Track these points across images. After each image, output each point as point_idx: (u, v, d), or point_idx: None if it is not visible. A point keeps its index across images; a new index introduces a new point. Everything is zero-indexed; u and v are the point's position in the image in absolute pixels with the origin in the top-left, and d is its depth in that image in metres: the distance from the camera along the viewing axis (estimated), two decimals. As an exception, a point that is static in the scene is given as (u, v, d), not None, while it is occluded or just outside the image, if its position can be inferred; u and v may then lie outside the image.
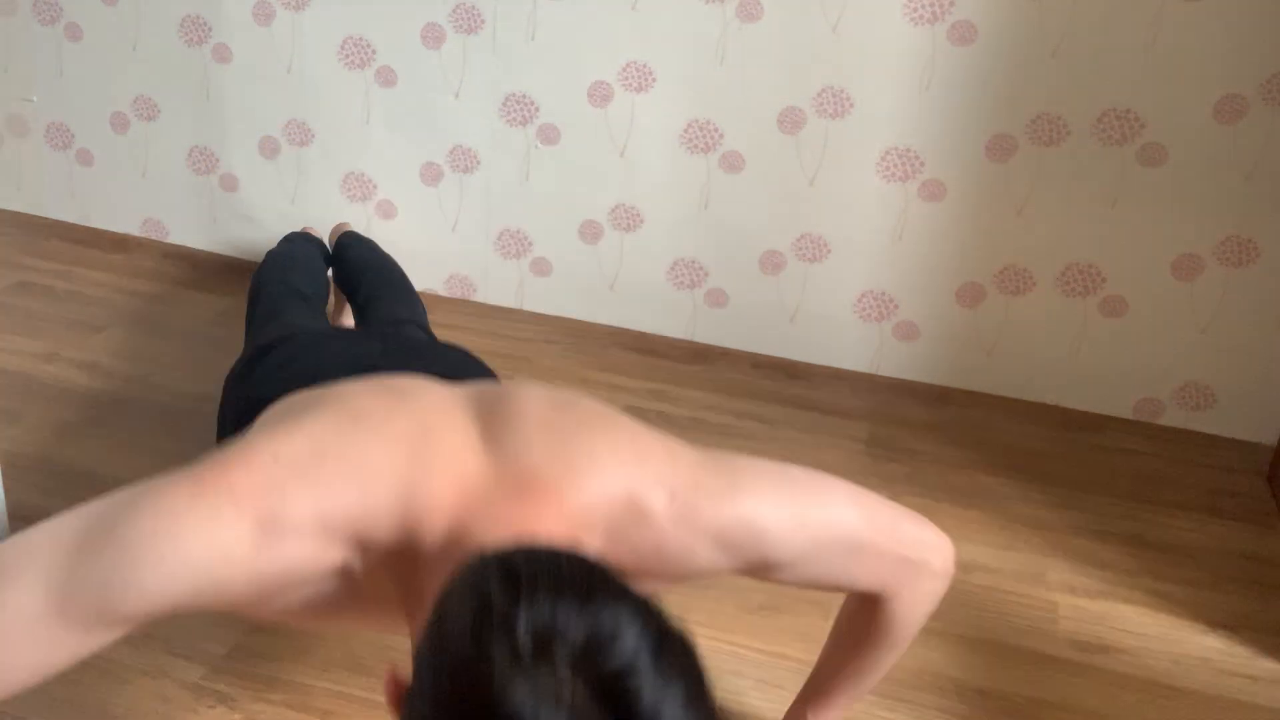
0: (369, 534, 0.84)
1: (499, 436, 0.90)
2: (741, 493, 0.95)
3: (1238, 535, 1.82)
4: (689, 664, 0.66)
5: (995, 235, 2.07)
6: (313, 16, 2.27)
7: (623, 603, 0.66)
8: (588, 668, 0.62)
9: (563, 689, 0.60)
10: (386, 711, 1.37)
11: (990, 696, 1.45)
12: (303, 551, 0.81)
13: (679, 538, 0.91)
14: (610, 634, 0.63)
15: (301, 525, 0.81)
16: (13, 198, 2.67)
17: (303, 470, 0.83)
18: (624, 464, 0.91)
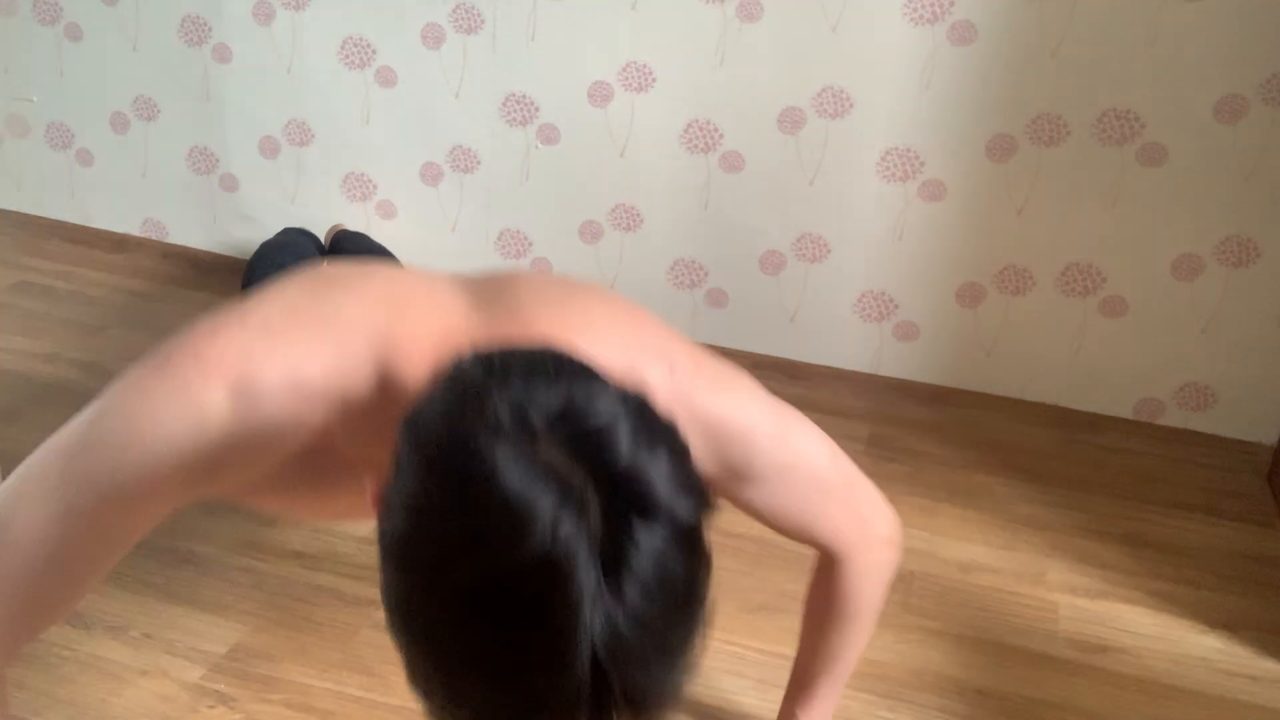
0: (346, 390, 0.81)
1: (489, 298, 0.88)
2: (736, 388, 0.95)
3: (1238, 535, 1.82)
4: (671, 434, 0.65)
5: (995, 235, 2.07)
6: (313, 16, 2.27)
7: (598, 380, 0.65)
8: (564, 428, 0.61)
9: (540, 450, 0.60)
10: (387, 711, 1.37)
11: (990, 696, 1.45)
12: (279, 411, 0.79)
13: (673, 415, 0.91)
14: (586, 400, 0.63)
15: (274, 384, 0.78)
16: (13, 198, 2.67)
17: (272, 329, 0.80)
18: (622, 333, 0.89)
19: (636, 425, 0.63)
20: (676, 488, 0.62)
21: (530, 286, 0.91)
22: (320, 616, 1.50)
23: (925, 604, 1.60)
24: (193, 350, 0.79)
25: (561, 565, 0.57)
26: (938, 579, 1.66)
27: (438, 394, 0.66)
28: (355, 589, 1.55)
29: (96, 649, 1.41)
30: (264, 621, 1.48)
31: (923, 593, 1.63)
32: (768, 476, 0.96)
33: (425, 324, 0.83)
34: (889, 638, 1.53)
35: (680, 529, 0.61)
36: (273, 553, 1.61)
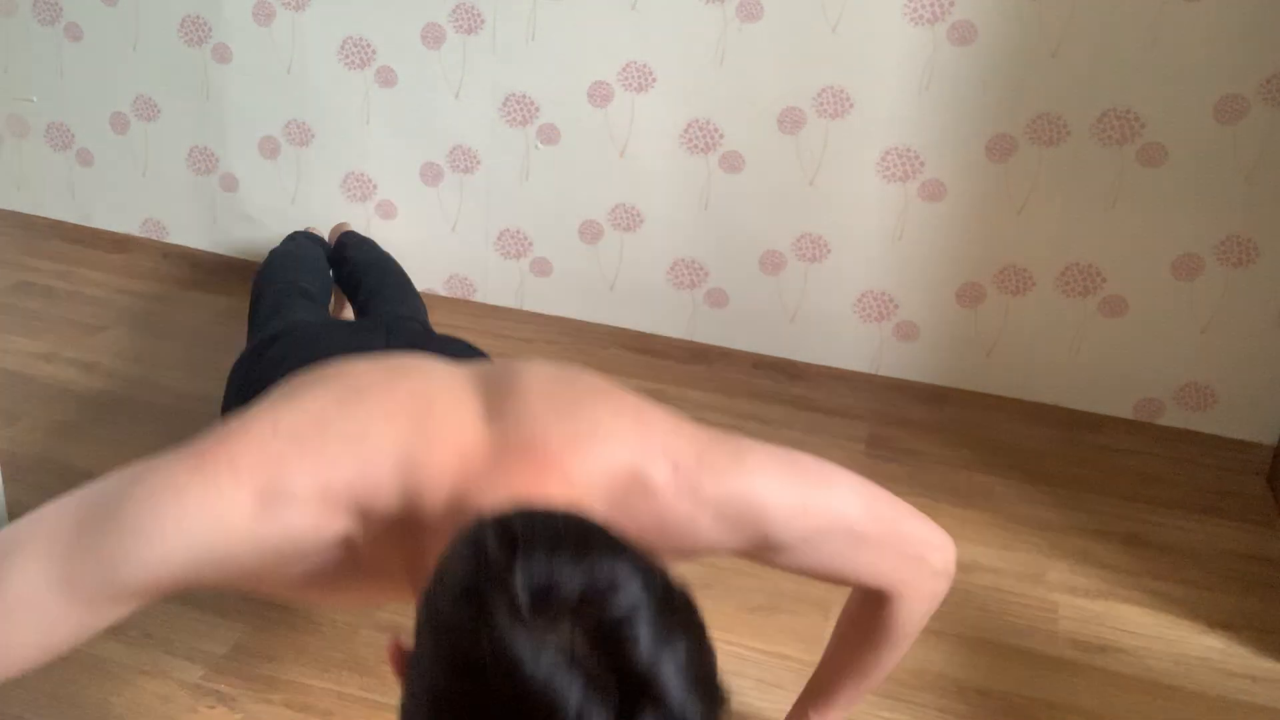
0: (370, 504, 0.83)
1: (502, 409, 0.90)
2: (746, 469, 0.95)
3: (1238, 535, 1.82)
4: (690, 621, 0.66)
5: (995, 235, 2.07)
6: (313, 16, 2.27)
7: (621, 556, 0.65)
8: (586, 617, 0.62)
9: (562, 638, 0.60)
10: (387, 711, 1.37)
11: (990, 696, 1.45)
12: (304, 521, 0.81)
13: (682, 510, 0.90)
14: (609, 585, 0.63)
15: (302, 495, 0.81)
16: (13, 198, 2.67)
17: (302, 441, 0.83)
18: (627, 435, 0.90)
19: (657, 614, 0.63)
20: (690, 689, 0.62)
21: (538, 390, 0.92)
22: (320, 616, 1.50)
23: (925, 604, 1.60)
24: (227, 452, 0.82)
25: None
26: (938, 579, 1.66)
27: (456, 568, 0.67)
28: (355, 589, 1.55)
29: (96, 649, 1.41)
30: (264, 621, 1.48)
31: (923, 593, 1.63)
32: (794, 545, 0.97)
33: (444, 443, 0.86)
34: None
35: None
36: (273, 553, 1.61)
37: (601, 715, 0.59)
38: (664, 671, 0.61)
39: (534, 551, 0.64)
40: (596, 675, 0.60)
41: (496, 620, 0.61)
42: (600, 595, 0.63)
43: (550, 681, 0.59)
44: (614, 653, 0.61)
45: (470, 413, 0.89)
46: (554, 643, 0.60)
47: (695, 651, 0.64)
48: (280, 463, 0.81)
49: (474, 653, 0.61)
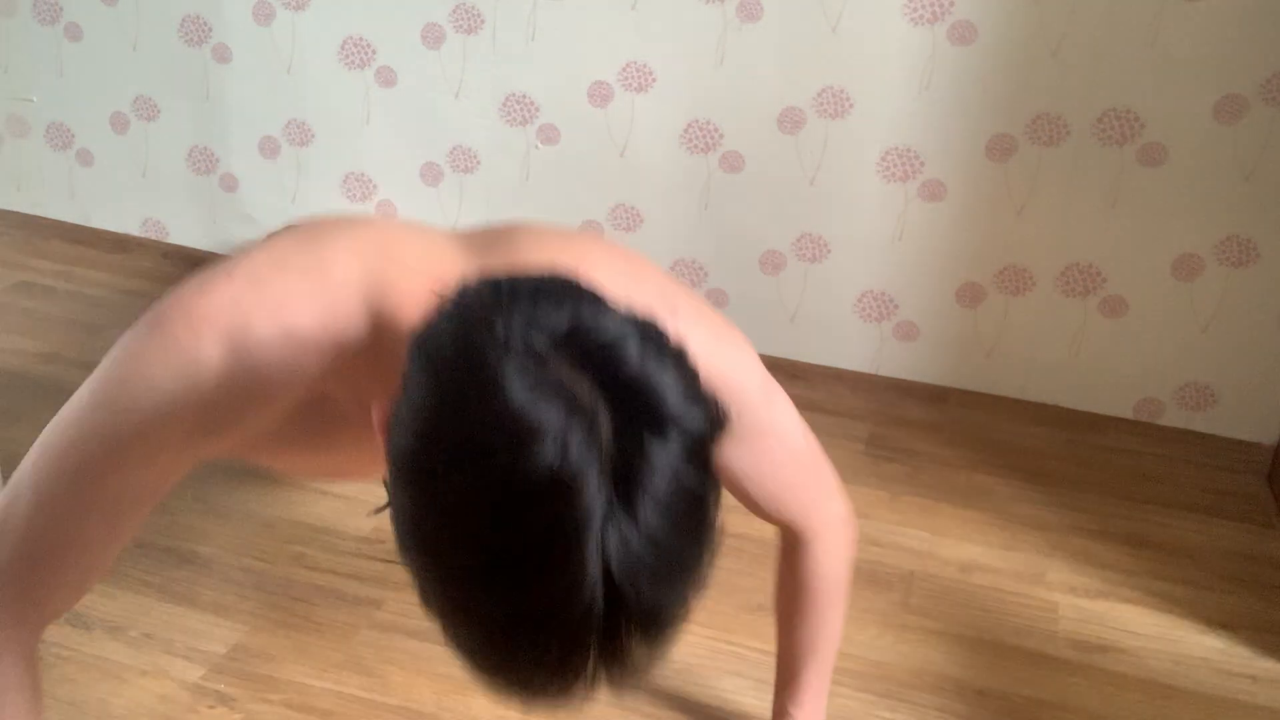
0: (340, 336, 0.81)
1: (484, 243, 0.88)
2: (733, 342, 0.97)
3: (1238, 535, 1.82)
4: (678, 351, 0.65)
5: (995, 235, 2.07)
6: (313, 16, 2.27)
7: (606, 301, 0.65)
8: (572, 343, 0.61)
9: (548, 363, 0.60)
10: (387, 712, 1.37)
11: (990, 696, 1.45)
12: (273, 359, 0.79)
13: None
14: (594, 318, 0.63)
15: (266, 333, 0.78)
16: (13, 198, 2.67)
17: (259, 281, 0.80)
18: (622, 275, 0.88)
19: (644, 341, 0.62)
20: (687, 399, 0.61)
21: (526, 234, 0.91)
22: (320, 616, 1.50)
23: (925, 604, 1.60)
24: (180, 308, 0.80)
25: (571, 481, 0.57)
26: (938, 579, 1.66)
27: (445, 316, 0.65)
28: (355, 589, 1.55)
29: (96, 649, 1.41)
30: (264, 621, 1.48)
31: (923, 593, 1.63)
32: (749, 438, 0.97)
33: (418, 269, 0.82)
34: (889, 638, 1.53)
35: (692, 442, 0.61)
36: (273, 553, 1.61)
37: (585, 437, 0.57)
38: (656, 383, 0.60)
39: (519, 297, 0.63)
40: (583, 399, 0.58)
41: (483, 351, 0.60)
42: (585, 327, 0.62)
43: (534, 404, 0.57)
44: (601, 372, 0.60)
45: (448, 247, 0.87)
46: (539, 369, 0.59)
47: (688, 373, 0.63)
48: (237, 305, 0.79)
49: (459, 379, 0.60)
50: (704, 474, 0.62)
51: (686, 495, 0.60)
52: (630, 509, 0.58)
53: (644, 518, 0.58)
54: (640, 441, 0.59)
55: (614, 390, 0.60)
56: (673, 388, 0.61)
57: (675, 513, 0.59)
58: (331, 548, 1.63)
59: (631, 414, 0.59)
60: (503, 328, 0.61)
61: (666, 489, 0.59)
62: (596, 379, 0.60)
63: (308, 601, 1.53)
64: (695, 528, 0.62)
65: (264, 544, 1.63)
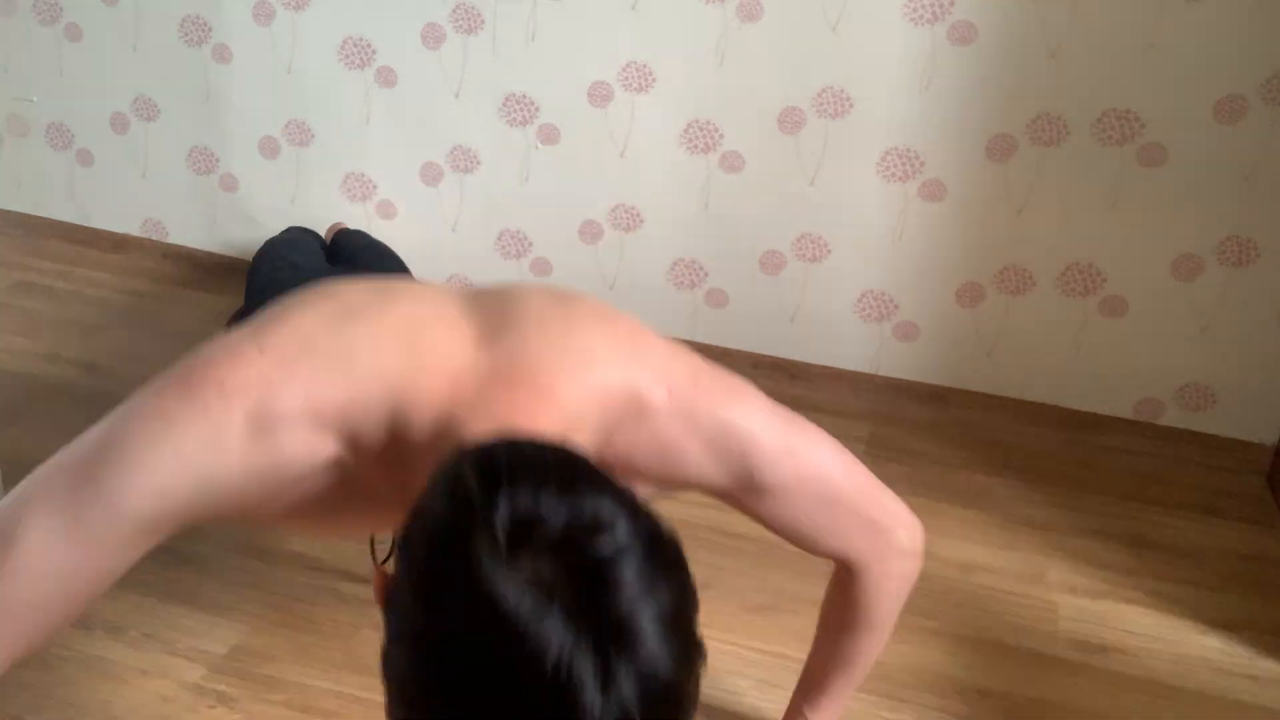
0: (359, 427, 0.82)
1: (495, 331, 0.88)
2: (738, 401, 0.95)
3: (1238, 535, 1.82)
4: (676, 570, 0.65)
5: (995, 235, 2.07)
6: (313, 16, 2.27)
7: (609, 495, 0.64)
8: (570, 555, 0.61)
9: (543, 578, 0.59)
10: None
11: (990, 696, 1.45)
12: (295, 442, 0.80)
13: (674, 434, 0.90)
14: (594, 523, 0.62)
15: (291, 416, 0.80)
16: (13, 198, 2.67)
17: (290, 361, 0.82)
18: (623, 359, 0.90)
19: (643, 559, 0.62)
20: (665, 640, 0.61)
21: (533, 315, 0.90)
22: (320, 616, 1.50)
23: (925, 604, 1.60)
24: (214, 376, 0.80)
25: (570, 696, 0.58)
26: (938, 579, 1.66)
27: (435, 504, 0.65)
28: (355, 589, 1.55)
29: (96, 649, 1.41)
30: (264, 621, 1.48)
31: (923, 593, 1.62)
32: (776, 490, 0.96)
33: (435, 368, 0.84)
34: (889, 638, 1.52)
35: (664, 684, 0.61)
36: (273, 553, 1.61)
37: (584, 659, 0.58)
38: (642, 619, 0.60)
39: (517, 484, 0.63)
40: (578, 617, 0.58)
41: (475, 556, 0.60)
42: (585, 533, 0.61)
43: (530, 623, 0.57)
44: (595, 595, 0.60)
45: (462, 338, 0.87)
46: (535, 582, 0.59)
47: (677, 602, 0.63)
48: (268, 384, 0.80)
49: (452, 591, 0.60)
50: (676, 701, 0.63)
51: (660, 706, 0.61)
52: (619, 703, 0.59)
53: None
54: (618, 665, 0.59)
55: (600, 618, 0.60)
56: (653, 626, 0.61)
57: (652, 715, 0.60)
58: (331, 547, 1.63)
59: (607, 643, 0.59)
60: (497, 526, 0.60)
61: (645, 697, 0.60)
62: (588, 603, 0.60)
63: (308, 601, 1.53)
64: None
65: (264, 544, 1.63)
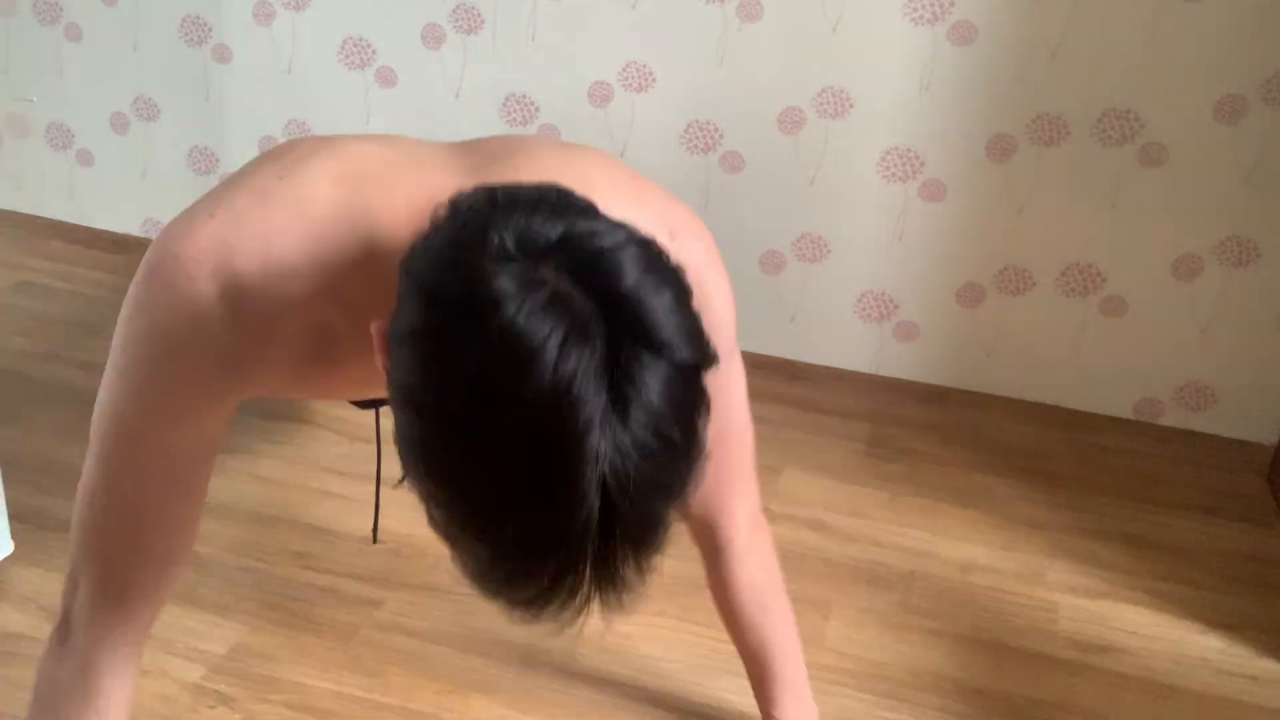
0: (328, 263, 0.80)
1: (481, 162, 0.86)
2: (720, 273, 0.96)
3: (1238, 535, 1.82)
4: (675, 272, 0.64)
5: (995, 235, 2.07)
6: (313, 16, 2.27)
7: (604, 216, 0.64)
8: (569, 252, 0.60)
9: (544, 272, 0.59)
10: (387, 712, 1.37)
11: (990, 696, 1.45)
12: (268, 292, 0.79)
13: None
14: (590, 229, 0.62)
15: (254, 268, 0.78)
16: (13, 198, 2.67)
17: (241, 217, 0.80)
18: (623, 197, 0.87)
19: (642, 256, 0.62)
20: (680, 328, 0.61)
21: (523, 152, 0.88)
22: (320, 616, 1.50)
23: (925, 604, 1.60)
24: (169, 254, 0.80)
25: (571, 395, 0.57)
26: (938, 579, 1.66)
27: (438, 226, 0.65)
28: (355, 589, 1.55)
29: (96, 649, 1.41)
30: (264, 621, 1.48)
31: (923, 593, 1.63)
32: None
33: (409, 185, 0.81)
34: (889, 638, 1.53)
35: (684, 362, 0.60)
36: (273, 553, 1.61)
37: (582, 350, 0.57)
38: (650, 304, 0.60)
39: (514, 206, 0.63)
40: (579, 310, 0.58)
41: (477, 261, 0.59)
42: (582, 236, 0.61)
43: (533, 318, 0.57)
44: (598, 283, 0.59)
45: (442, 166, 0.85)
46: (536, 279, 0.58)
47: (682, 299, 0.62)
48: (224, 244, 0.78)
49: (454, 293, 0.60)
50: (694, 392, 0.62)
51: (678, 410, 0.60)
52: (625, 422, 0.58)
53: (636, 432, 0.58)
54: (634, 356, 0.58)
55: (609, 303, 0.59)
56: (666, 312, 0.60)
57: (666, 427, 0.59)
58: (331, 547, 1.63)
59: (626, 330, 0.59)
60: (498, 235, 0.60)
61: (659, 405, 0.59)
62: (591, 290, 0.59)
63: (308, 601, 1.53)
64: (685, 444, 0.62)
65: (264, 544, 1.63)
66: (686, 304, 0.63)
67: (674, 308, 0.61)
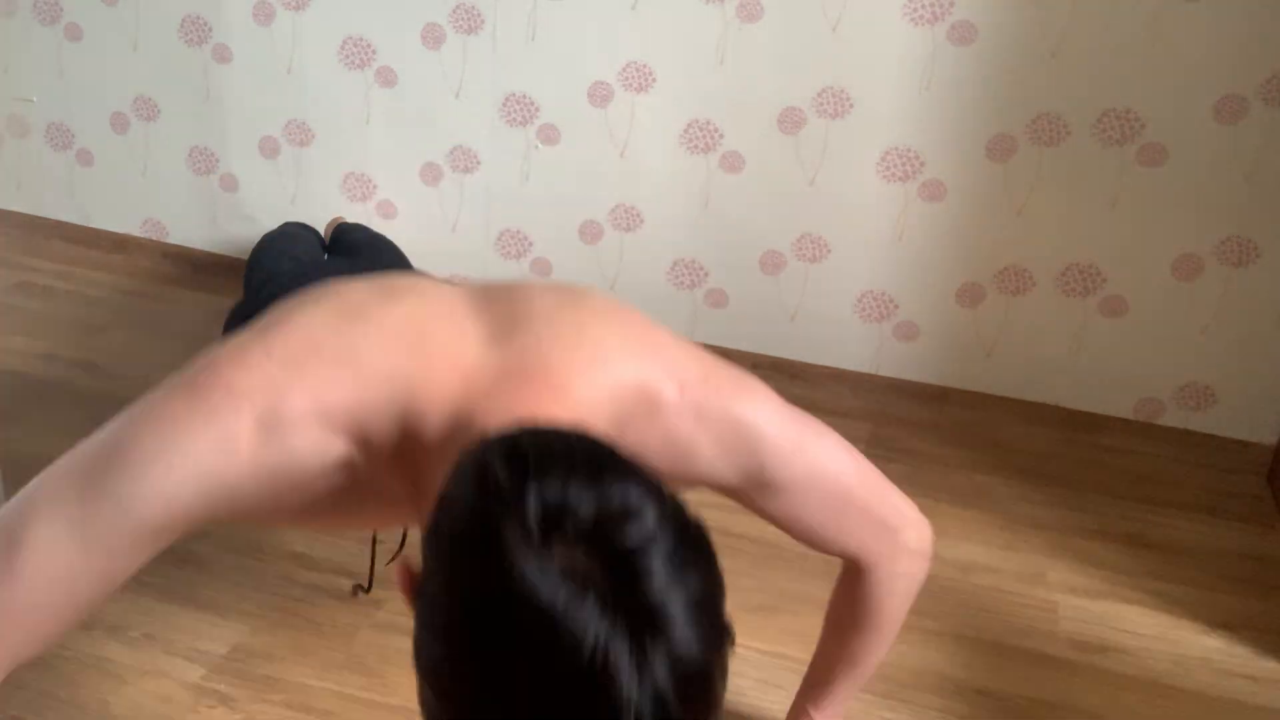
0: (368, 426, 0.82)
1: (505, 329, 0.88)
2: (749, 396, 0.95)
3: (1238, 535, 1.82)
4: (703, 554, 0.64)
5: (995, 235, 2.07)
6: (313, 16, 2.27)
7: (635, 481, 0.64)
8: (601, 544, 0.60)
9: (576, 567, 0.59)
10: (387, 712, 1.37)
11: (990, 696, 1.45)
12: (304, 445, 0.81)
13: (686, 431, 0.90)
14: (623, 511, 0.62)
15: (300, 419, 0.80)
16: (13, 198, 2.67)
17: (297, 364, 0.82)
18: (635, 355, 0.90)
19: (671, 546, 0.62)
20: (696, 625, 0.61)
21: (543, 313, 0.90)
22: (320, 616, 1.50)
23: (925, 604, 1.59)
24: (223, 380, 0.81)
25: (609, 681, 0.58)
26: (938, 579, 1.66)
27: (463, 494, 0.65)
28: (355, 589, 1.56)
29: (96, 649, 1.41)
30: (264, 621, 1.48)
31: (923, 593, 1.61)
32: (787, 487, 0.96)
33: (444, 365, 0.84)
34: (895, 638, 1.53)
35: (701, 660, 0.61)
36: (273, 553, 1.61)
37: (620, 646, 0.57)
38: (673, 606, 0.60)
39: (546, 474, 0.62)
40: (612, 607, 0.58)
41: (507, 548, 0.59)
42: (615, 522, 0.61)
43: (566, 614, 0.57)
44: (628, 583, 0.59)
45: (471, 336, 0.87)
46: (568, 573, 0.58)
47: (705, 586, 0.63)
48: (276, 387, 0.81)
49: (486, 583, 0.60)
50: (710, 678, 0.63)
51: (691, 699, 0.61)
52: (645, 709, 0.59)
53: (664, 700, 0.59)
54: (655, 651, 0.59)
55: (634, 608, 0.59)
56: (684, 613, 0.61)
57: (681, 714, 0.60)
58: (331, 547, 1.63)
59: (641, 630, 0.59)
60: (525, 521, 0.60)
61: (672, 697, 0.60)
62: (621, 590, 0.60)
63: (308, 601, 1.53)
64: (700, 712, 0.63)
65: (264, 543, 1.63)
66: (711, 592, 0.64)
67: (697, 603, 0.61)
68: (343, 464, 0.84)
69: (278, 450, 0.80)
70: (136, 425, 0.81)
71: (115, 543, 0.79)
